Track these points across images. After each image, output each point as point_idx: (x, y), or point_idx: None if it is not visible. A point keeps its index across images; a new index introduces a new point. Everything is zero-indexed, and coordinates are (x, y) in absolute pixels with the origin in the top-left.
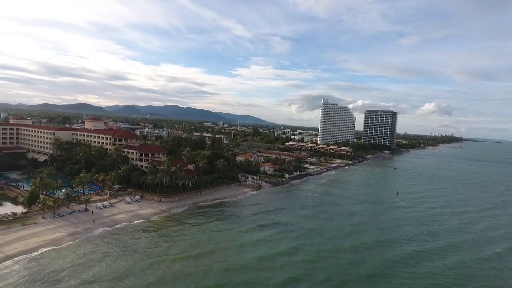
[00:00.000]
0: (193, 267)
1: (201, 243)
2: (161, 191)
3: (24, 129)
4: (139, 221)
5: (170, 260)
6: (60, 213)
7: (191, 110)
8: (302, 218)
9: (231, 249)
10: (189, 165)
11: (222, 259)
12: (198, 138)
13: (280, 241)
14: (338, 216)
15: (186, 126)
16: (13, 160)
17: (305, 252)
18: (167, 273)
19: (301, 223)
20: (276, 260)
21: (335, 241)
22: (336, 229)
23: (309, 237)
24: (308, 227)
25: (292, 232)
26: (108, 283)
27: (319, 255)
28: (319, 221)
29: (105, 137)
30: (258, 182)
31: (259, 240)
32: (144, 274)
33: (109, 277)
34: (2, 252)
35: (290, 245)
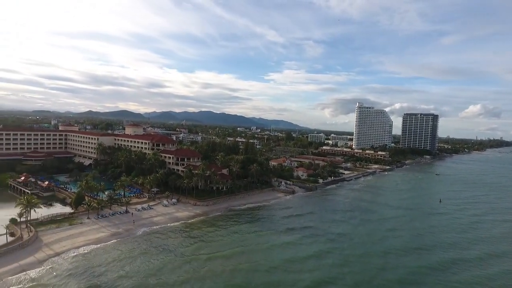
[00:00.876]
0: (223, 266)
1: (233, 245)
2: (196, 195)
3: (71, 135)
4: (175, 223)
5: (202, 260)
6: (103, 214)
7: (224, 116)
8: (335, 223)
9: (261, 251)
10: (223, 170)
11: (252, 260)
12: (232, 143)
13: (311, 244)
14: (372, 221)
15: (220, 131)
16: (62, 164)
17: (335, 256)
18: (199, 271)
19: (333, 227)
20: (306, 263)
21: (367, 246)
22: (368, 235)
23: (340, 242)
24: (340, 232)
25: (323, 236)
26: (143, 279)
27: (349, 260)
28: (352, 227)
29: (144, 142)
30: (292, 187)
31: (290, 243)
32: (177, 272)
33: (145, 273)
34: (52, 249)
35: (321, 248)
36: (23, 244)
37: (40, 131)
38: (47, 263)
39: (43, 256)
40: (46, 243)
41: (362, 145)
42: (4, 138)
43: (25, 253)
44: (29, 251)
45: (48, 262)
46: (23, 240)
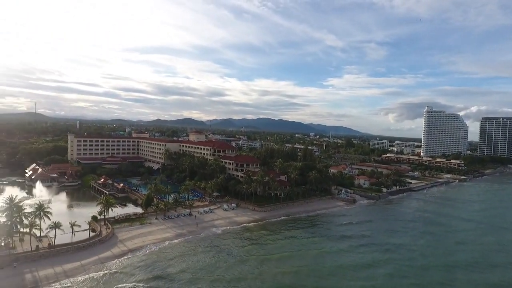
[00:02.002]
0: (276, 268)
1: (287, 249)
2: (255, 200)
3: (142, 141)
4: (235, 227)
5: (257, 261)
6: (169, 215)
7: (282, 122)
8: (396, 234)
9: (314, 256)
10: (281, 176)
11: (304, 264)
12: (290, 149)
13: (367, 253)
14: (438, 234)
15: (278, 138)
16: (134, 167)
17: (392, 266)
18: (253, 271)
19: (394, 238)
20: (359, 271)
21: (428, 259)
22: (432, 247)
23: (400, 253)
24: (401, 243)
25: (381, 245)
26: (202, 274)
27: (408, 271)
28: (414, 238)
29: (206, 149)
30: (353, 195)
31: (345, 250)
32: (232, 271)
33: (204, 270)
34: (126, 246)
35: (378, 258)
36: (102, 240)
37: (116, 138)
38: (122, 258)
39: (118, 251)
40: (121, 240)
41: (432, 153)
42: (88, 144)
43: (103, 247)
44: (107, 246)
45: (122, 257)
46: (102, 236)
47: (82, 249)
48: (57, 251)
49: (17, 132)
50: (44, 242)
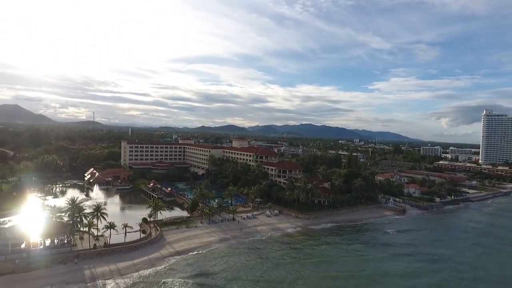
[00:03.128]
0: (317, 272)
1: (331, 257)
2: (297, 207)
3: (188, 147)
4: (277, 234)
5: (298, 265)
6: (213, 220)
7: (325, 128)
8: (447, 245)
9: (356, 262)
10: (324, 183)
11: (344, 269)
12: (334, 156)
13: (412, 262)
14: (494, 247)
15: (321, 144)
16: (180, 172)
17: (439, 277)
18: (293, 274)
19: (443, 249)
20: (402, 279)
21: (479, 272)
22: (484, 260)
23: (448, 264)
24: (452, 254)
25: (429, 255)
26: (242, 275)
27: (454, 282)
28: (466, 250)
29: (248, 155)
30: (402, 205)
31: (389, 258)
32: (274, 274)
33: (245, 273)
34: (173, 248)
35: (425, 268)
36: (152, 241)
37: (164, 145)
38: (169, 259)
39: (166, 253)
40: (168, 242)
41: (492, 160)
42: (139, 150)
43: (153, 248)
44: (156, 247)
45: (170, 258)
46: (152, 237)
47: (134, 249)
48: (112, 250)
49: (78, 139)
50: (101, 241)
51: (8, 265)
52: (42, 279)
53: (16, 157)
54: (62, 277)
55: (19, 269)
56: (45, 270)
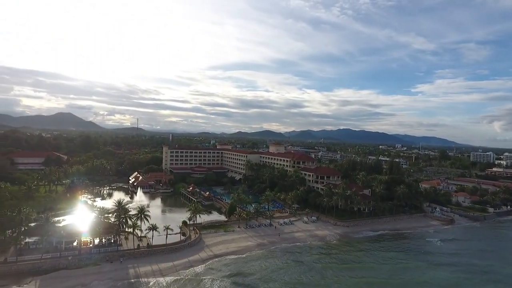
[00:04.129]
0: (354, 278)
1: (370, 266)
2: (336, 214)
3: (226, 153)
4: (315, 241)
5: (336, 270)
6: (250, 225)
7: (364, 133)
8: (501, 260)
9: (400, 273)
10: (364, 190)
11: (381, 276)
12: (374, 162)
13: (462, 274)
14: None
15: (360, 150)
16: (218, 177)
17: None
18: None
19: (493, 261)
20: None
21: None
22: None
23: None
24: (503, 269)
25: (478, 267)
26: (278, 277)
27: None
28: None
29: (285, 160)
30: (450, 214)
31: (435, 269)
32: (312, 282)
33: (281, 275)
34: (212, 251)
35: (471, 279)
36: (191, 244)
37: (203, 150)
38: (208, 262)
39: (205, 255)
40: (207, 245)
41: None
42: (179, 155)
43: (192, 251)
44: (195, 250)
45: (208, 261)
46: (191, 240)
47: (175, 251)
48: (154, 250)
49: (123, 145)
50: (144, 242)
51: (62, 261)
52: (92, 275)
53: (69, 161)
54: (109, 274)
55: (71, 265)
56: (94, 268)
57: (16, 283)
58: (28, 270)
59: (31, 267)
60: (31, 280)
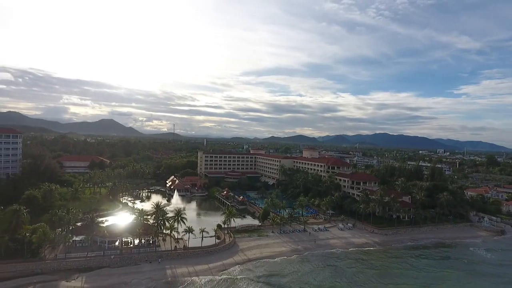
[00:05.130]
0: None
1: (413, 279)
2: (373, 222)
3: (259, 157)
4: (351, 249)
5: (372, 276)
6: (284, 230)
7: (402, 138)
8: None
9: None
10: (404, 197)
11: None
12: (414, 167)
13: None
14: None
15: (398, 155)
16: (252, 182)
17: None
18: None
19: None
20: None
21: None
22: None
23: None
24: None
25: None
26: (311, 280)
27: None
28: None
29: (319, 165)
30: (500, 225)
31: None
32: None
33: (315, 285)
34: (246, 255)
35: None
36: (226, 247)
37: (236, 155)
38: (242, 265)
39: (239, 259)
40: (241, 249)
41: None
42: (213, 160)
43: (226, 254)
44: (229, 253)
45: (242, 265)
46: (226, 243)
47: (210, 253)
48: (190, 252)
49: (160, 149)
50: (180, 244)
51: (105, 259)
52: (132, 274)
53: (111, 165)
54: (148, 274)
55: (113, 264)
56: (134, 267)
57: (65, 279)
58: (75, 266)
59: (78, 264)
60: (78, 276)
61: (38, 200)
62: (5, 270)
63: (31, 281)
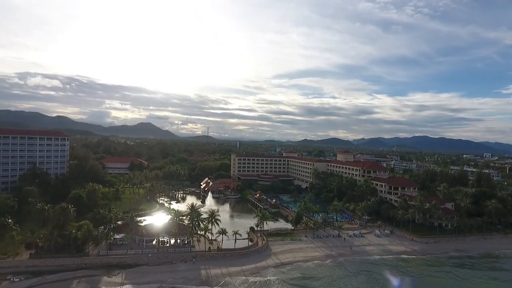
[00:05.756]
0: None
1: None
2: (413, 229)
3: (291, 160)
4: (389, 256)
5: None
6: (318, 235)
7: (444, 141)
8: None
9: None
10: (446, 203)
11: None
12: (457, 172)
13: None
14: None
15: (439, 159)
16: (284, 185)
17: None
18: None
19: None
20: None
21: None
22: None
23: None
24: None
25: None
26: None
27: None
28: None
29: (354, 169)
30: None
31: None
32: None
33: (348, 285)
34: (279, 258)
35: None
36: (258, 250)
37: (269, 158)
38: (275, 269)
39: (272, 263)
40: (274, 252)
41: None
42: (246, 162)
43: (259, 257)
44: (262, 256)
45: (275, 268)
46: (258, 246)
47: (243, 256)
48: (224, 254)
49: (195, 152)
50: (214, 245)
51: (143, 258)
52: (168, 273)
53: (149, 167)
54: (183, 274)
55: (151, 262)
56: (170, 266)
57: (107, 274)
58: (116, 263)
59: (118, 261)
60: (119, 273)
61: (83, 199)
62: (55, 263)
63: (76, 275)
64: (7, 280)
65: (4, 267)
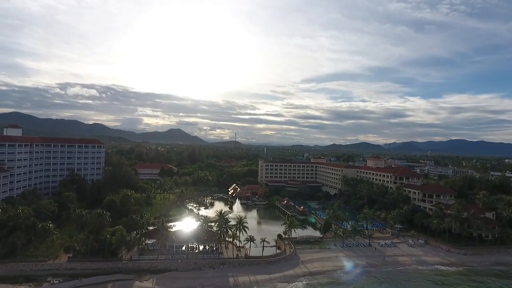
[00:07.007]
0: None
1: None
2: (449, 239)
3: (320, 166)
4: (423, 268)
5: None
6: (347, 243)
7: (483, 144)
8: None
9: None
10: (487, 213)
11: None
12: (499, 179)
13: None
14: None
15: (479, 164)
16: (312, 191)
17: None
18: None
19: None
20: None
21: None
22: None
23: None
24: None
25: None
26: None
27: None
28: None
29: (386, 175)
30: None
31: None
32: None
33: None
34: (307, 267)
35: None
36: (286, 258)
37: (297, 163)
38: (303, 278)
39: (300, 272)
40: (302, 261)
41: None
42: (274, 168)
43: (287, 265)
44: (290, 264)
45: (304, 277)
46: (286, 254)
47: (270, 263)
48: (251, 261)
49: (222, 157)
50: (242, 252)
51: (173, 263)
52: (197, 279)
53: (179, 172)
54: (211, 280)
55: (180, 268)
56: (199, 272)
57: (138, 279)
58: (147, 268)
59: (150, 266)
60: (150, 278)
61: (117, 204)
62: (90, 267)
63: (110, 278)
64: (48, 282)
65: (45, 269)
